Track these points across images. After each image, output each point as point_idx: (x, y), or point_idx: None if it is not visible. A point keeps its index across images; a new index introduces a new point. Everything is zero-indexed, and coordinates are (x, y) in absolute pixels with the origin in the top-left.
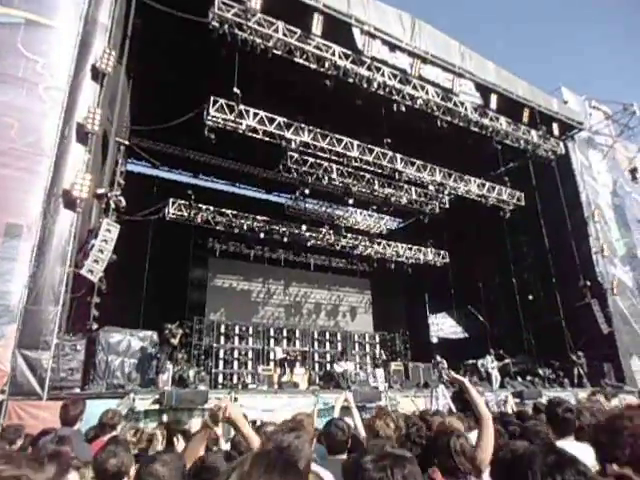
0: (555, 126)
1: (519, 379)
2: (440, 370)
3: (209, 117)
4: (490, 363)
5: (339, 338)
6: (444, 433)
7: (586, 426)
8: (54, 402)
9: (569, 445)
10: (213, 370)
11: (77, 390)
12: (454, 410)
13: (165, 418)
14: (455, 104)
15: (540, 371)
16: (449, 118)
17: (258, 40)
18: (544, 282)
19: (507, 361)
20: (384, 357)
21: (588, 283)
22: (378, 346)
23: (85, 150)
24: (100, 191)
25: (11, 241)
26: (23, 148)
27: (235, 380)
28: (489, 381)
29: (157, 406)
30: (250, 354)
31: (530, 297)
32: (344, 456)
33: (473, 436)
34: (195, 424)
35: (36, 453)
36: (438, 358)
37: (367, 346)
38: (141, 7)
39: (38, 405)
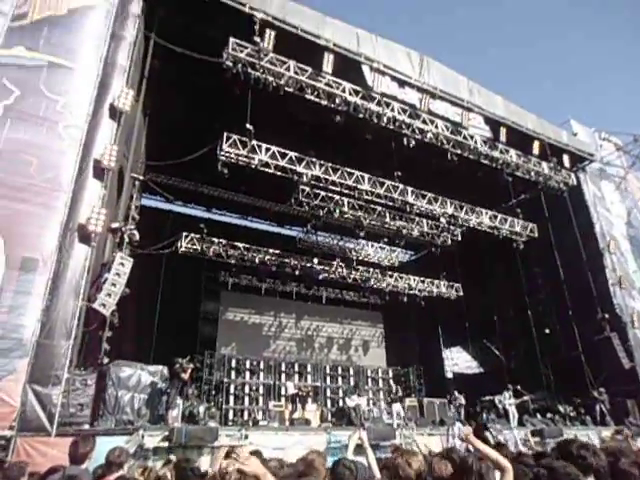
0: (566, 158)
1: (538, 416)
2: (457, 407)
3: (222, 152)
4: (507, 399)
5: (351, 373)
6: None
7: (602, 468)
8: (62, 438)
9: None
10: (224, 406)
11: (86, 426)
12: (471, 449)
13: (173, 457)
14: (465, 137)
15: (560, 408)
16: (459, 151)
17: (270, 78)
18: (560, 315)
19: (526, 398)
20: (400, 392)
21: (606, 316)
22: (392, 381)
23: (101, 186)
24: (115, 225)
25: (26, 275)
26: (41, 184)
27: (246, 416)
28: (507, 418)
29: (166, 443)
30: (261, 389)
31: (547, 330)
32: None
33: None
34: (204, 462)
35: None
36: (456, 394)
37: (380, 381)
38: (158, 49)
39: (47, 442)
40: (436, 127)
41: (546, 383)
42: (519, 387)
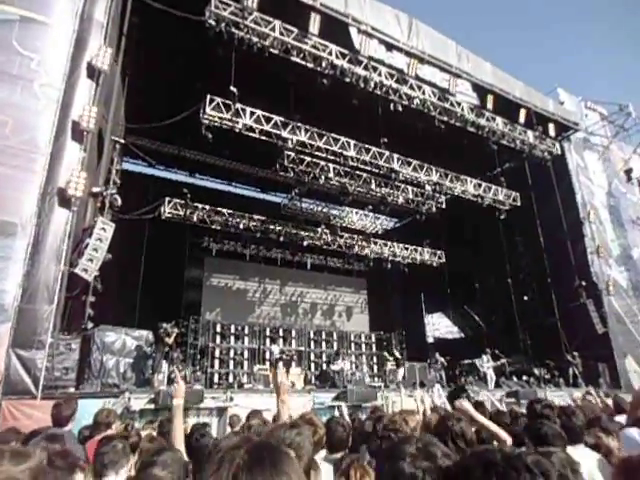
0: (551, 127)
1: (514, 379)
2: (438, 369)
3: (205, 116)
4: (485, 363)
5: (335, 338)
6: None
7: (578, 427)
8: (48, 401)
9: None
10: (209, 370)
11: (72, 389)
12: (450, 409)
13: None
14: (452, 104)
15: (536, 371)
16: (446, 118)
17: (255, 39)
18: (540, 282)
19: (502, 361)
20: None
21: (583, 283)
22: (374, 345)
23: (80, 148)
24: (95, 189)
25: (5, 240)
26: (18, 146)
27: (231, 379)
28: (484, 381)
29: (152, 405)
30: (246, 354)
31: (525, 297)
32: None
33: None
34: (190, 424)
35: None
36: (437, 356)
37: (363, 346)
38: (138, 5)
39: (32, 404)
40: (423, 93)
41: (523, 348)
42: (497, 351)
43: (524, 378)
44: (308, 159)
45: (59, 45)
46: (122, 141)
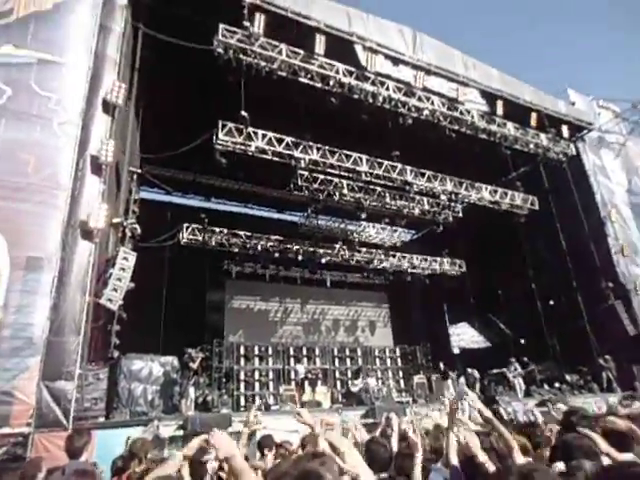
0: (564, 128)
1: (545, 387)
2: (472, 382)
3: (218, 141)
4: (513, 371)
5: (359, 354)
6: None
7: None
8: (84, 429)
9: None
10: (235, 392)
11: (102, 419)
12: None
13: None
14: (461, 113)
15: (567, 377)
16: (456, 127)
17: (263, 63)
18: (565, 286)
19: (531, 368)
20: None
21: (610, 284)
22: (399, 360)
23: (100, 181)
24: (116, 220)
25: (32, 274)
26: (40, 182)
27: (257, 402)
28: (514, 390)
29: (181, 432)
30: (271, 374)
31: (551, 302)
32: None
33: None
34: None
35: None
36: (469, 370)
37: (388, 360)
38: (148, 40)
39: (64, 436)
40: (432, 104)
41: (552, 354)
42: (525, 359)
43: (556, 385)
44: (322, 177)
45: (75, 83)
46: (139, 171)
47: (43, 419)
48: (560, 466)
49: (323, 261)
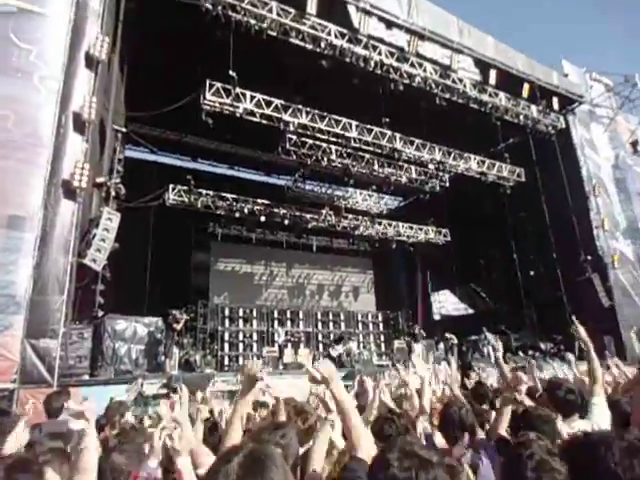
0: (555, 100)
1: (520, 354)
2: (450, 347)
3: (205, 101)
4: (483, 340)
5: (342, 318)
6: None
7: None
8: (64, 389)
9: (577, 424)
10: (219, 353)
11: (86, 377)
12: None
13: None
14: (454, 81)
15: (542, 345)
16: (448, 95)
17: (252, 21)
18: (545, 258)
19: (496, 342)
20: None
21: (589, 258)
22: (381, 325)
23: (83, 139)
24: (100, 180)
25: (14, 232)
26: (21, 139)
27: (241, 362)
28: (488, 357)
29: (165, 390)
30: (255, 336)
31: (531, 273)
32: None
33: None
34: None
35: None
36: (447, 335)
37: (370, 325)
38: None
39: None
40: (424, 71)
41: (529, 323)
42: (503, 327)
43: (530, 353)
44: (310, 141)
45: (56, 36)
46: (124, 130)
47: (28, 375)
48: None
49: (309, 226)
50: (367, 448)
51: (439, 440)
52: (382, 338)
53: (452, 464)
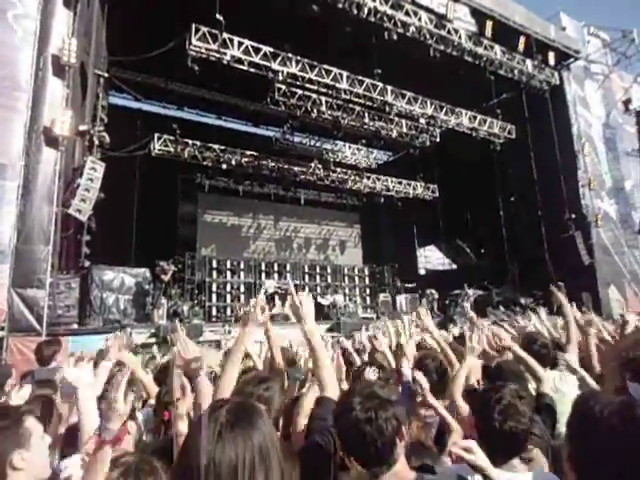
0: (551, 55)
1: (501, 308)
2: (431, 301)
3: (191, 47)
4: (463, 296)
5: (329, 271)
6: None
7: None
8: (54, 338)
9: (549, 374)
10: (207, 304)
11: (75, 326)
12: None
13: (156, 349)
14: (449, 32)
15: (522, 300)
16: (442, 47)
17: None
18: (530, 215)
19: (481, 293)
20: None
21: (573, 216)
22: (367, 279)
23: (63, 84)
24: (82, 128)
25: None
26: None
27: (228, 313)
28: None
29: (153, 339)
30: (242, 288)
31: (516, 229)
32: None
33: None
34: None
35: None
36: (428, 291)
37: (356, 279)
38: None
39: (38, 341)
40: (419, 20)
41: (511, 278)
42: (486, 282)
43: (510, 307)
44: (300, 92)
45: None
46: (106, 75)
47: (16, 324)
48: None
49: (298, 179)
50: (334, 386)
51: None
52: (367, 292)
53: None
